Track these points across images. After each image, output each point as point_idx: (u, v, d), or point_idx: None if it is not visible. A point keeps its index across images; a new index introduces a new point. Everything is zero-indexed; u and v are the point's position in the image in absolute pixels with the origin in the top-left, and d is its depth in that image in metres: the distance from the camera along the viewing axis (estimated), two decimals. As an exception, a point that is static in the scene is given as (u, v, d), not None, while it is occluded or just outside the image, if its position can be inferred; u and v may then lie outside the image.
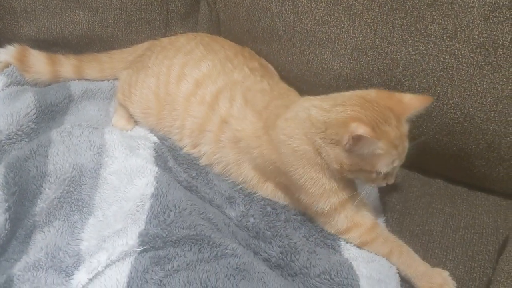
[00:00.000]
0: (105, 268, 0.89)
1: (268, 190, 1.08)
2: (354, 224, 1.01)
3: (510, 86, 1.02)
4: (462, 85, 1.05)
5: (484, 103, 1.04)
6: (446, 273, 0.97)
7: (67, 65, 1.25)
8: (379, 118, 0.93)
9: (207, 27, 1.34)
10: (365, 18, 1.08)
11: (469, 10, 1.00)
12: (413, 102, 0.98)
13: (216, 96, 1.10)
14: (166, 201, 0.97)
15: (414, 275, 0.97)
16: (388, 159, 0.94)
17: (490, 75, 1.02)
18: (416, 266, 0.98)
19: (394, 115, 0.95)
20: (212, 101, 1.10)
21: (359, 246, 1.02)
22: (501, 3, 0.97)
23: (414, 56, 1.06)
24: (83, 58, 1.27)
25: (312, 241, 1.01)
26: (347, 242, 1.03)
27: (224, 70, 1.13)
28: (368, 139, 0.89)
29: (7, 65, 1.21)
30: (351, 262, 0.97)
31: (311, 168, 0.98)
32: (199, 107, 1.11)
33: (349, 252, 1.00)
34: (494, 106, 1.04)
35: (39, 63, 1.23)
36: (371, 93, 0.98)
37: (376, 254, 1.01)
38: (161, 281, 0.87)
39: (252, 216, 1.04)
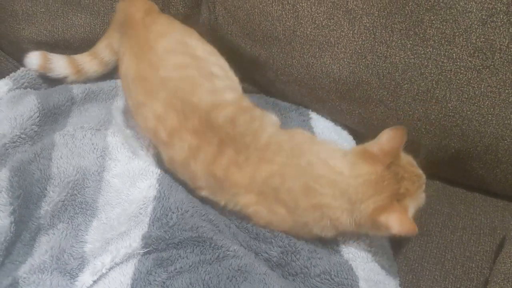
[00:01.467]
0: (109, 270, 0.90)
1: None
2: None
3: (507, 89, 1.02)
4: (460, 88, 1.06)
5: (482, 106, 1.05)
6: None
7: (84, 56, 1.24)
8: (394, 187, 0.92)
9: (207, 30, 1.34)
10: (365, 22, 1.09)
11: (467, 14, 1.00)
12: (392, 144, 0.94)
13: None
14: (169, 204, 0.97)
15: None
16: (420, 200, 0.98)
17: (487, 78, 1.03)
18: None
19: (397, 164, 0.94)
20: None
21: None
22: (499, 8, 0.98)
23: (413, 59, 1.07)
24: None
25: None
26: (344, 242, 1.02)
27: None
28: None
29: None
30: (351, 264, 0.97)
31: None
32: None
33: (348, 251, 1.00)
34: (492, 109, 1.05)
35: (61, 68, 1.23)
36: (369, 170, 0.93)
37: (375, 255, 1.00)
38: (164, 282, 0.88)
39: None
